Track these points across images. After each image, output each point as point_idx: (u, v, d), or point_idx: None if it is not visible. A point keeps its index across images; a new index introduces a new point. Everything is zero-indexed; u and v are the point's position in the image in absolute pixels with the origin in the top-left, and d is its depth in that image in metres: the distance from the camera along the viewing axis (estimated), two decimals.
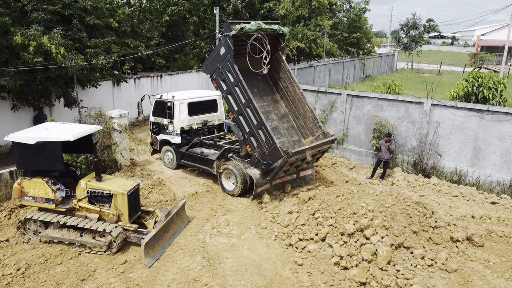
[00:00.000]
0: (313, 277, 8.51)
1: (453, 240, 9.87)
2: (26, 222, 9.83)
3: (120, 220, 9.61)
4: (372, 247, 8.77)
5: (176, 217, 10.29)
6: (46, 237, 9.61)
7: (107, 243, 9.23)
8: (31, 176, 9.67)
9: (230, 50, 11.69)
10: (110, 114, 14.09)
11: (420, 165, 14.96)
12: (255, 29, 12.00)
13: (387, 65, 51.10)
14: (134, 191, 9.79)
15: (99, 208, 9.64)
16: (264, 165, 11.63)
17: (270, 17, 28.89)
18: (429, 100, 14.86)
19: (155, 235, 9.15)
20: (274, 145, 11.21)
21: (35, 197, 9.69)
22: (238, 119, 12.03)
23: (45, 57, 13.46)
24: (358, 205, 9.81)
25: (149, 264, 8.80)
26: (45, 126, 10.25)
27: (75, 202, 9.70)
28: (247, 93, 11.66)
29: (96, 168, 9.78)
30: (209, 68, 12.56)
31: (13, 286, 8.13)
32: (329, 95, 17.29)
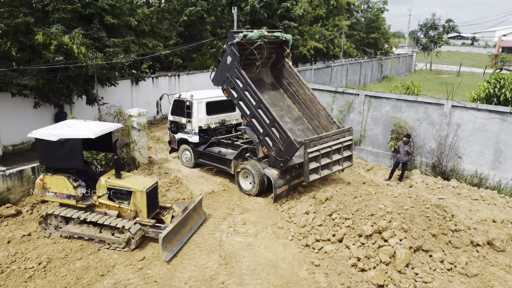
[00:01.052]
0: (330, 278, 8.47)
1: (473, 244, 9.70)
2: (47, 217, 10.03)
3: (138, 217, 9.74)
4: (390, 249, 8.68)
5: (193, 213, 10.39)
6: (66, 232, 9.78)
7: (125, 239, 9.37)
8: (53, 172, 9.85)
9: (236, 57, 11.97)
10: (129, 113, 14.27)
11: (439, 167, 14.72)
12: (257, 36, 12.39)
13: (405, 65, 50.39)
14: (152, 189, 9.87)
15: (119, 205, 9.77)
16: (282, 162, 11.55)
17: (287, 17, 28.90)
18: (449, 101, 14.62)
19: (173, 230, 9.26)
20: (288, 139, 11.18)
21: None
22: (252, 122, 12.12)
23: (65, 56, 13.72)
24: (376, 206, 9.72)
25: (166, 258, 8.87)
26: (66, 124, 10.44)
27: (95, 198, 9.84)
28: (257, 94, 11.79)
29: (115, 165, 9.91)
30: (219, 79, 12.81)
31: (35, 279, 8.31)
32: (346, 96, 17.17)
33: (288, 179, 12.13)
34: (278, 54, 13.75)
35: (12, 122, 16.05)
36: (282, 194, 12.06)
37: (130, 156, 14.06)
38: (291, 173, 12.21)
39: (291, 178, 12.22)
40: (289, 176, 12.12)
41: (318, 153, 11.44)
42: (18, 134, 16.42)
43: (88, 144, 10.25)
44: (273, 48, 13.45)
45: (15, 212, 10.89)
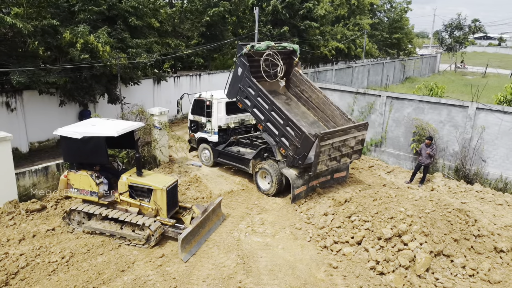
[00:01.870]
0: (347, 280, 8.41)
1: (497, 250, 9.44)
2: (71, 213, 10.30)
3: (158, 215, 9.87)
4: (410, 253, 8.56)
5: (212, 214, 10.44)
6: (89, 228, 10.00)
7: (145, 236, 9.51)
8: (76, 169, 10.10)
9: (246, 67, 12.34)
10: (151, 112, 14.50)
11: (463, 170, 14.40)
12: (265, 47, 13.00)
13: (429, 66, 49.45)
14: (172, 187, 10.01)
15: (139, 202, 9.93)
16: (300, 159, 11.51)
17: (309, 17, 28.77)
18: (473, 103, 14.29)
19: (192, 231, 9.34)
20: (303, 134, 11.25)
21: (79, 190, 10.11)
22: (267, 127, 12.28)
23: (90, 55, 14.05)
24: (397, 209, 9.60)
25: (185, 259, 8.98)
26: (90, 122, 10.66)
27: (116, 195, 10.02)
28: (268, 98, 12.03)
29: (137, 163, 10.09)
30: (232, 92, 13.14)
31: (58, 273, 8.54)
32: (368, 97, 16.99)
33: (307, 180, 12.10)
34: (288, 65, 14.12)
35: (38, 120, 16.54)
36: (301, 195, 12.04)
37: (151, 155, 14.27)
38: (309, 173, 12.16)
39: (309, 179, 12.18)
40: (307, 176, 12.08)
41: (330, 146, 11.46)
42: (44, 131, 16.92)
43: (111, 142, 10.45)
44: (282, 59, 13.75)
45: (40, 207, 11.20)
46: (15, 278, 8.31)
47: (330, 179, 12.97)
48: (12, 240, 9.65)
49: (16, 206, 11.09)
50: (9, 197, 11.15)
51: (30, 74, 13.40)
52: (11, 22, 11.82)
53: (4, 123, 15.25)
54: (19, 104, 15.88)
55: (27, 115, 16.23)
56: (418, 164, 14.08)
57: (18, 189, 11.54)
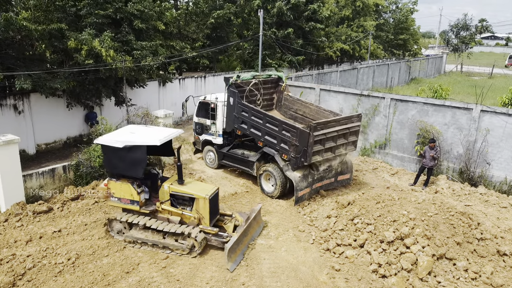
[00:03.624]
0: (350, 283, 8.47)
1: (500, 254, 9.46)
2: (111, 222, 10.10)
3: (200, 223, 9.66)
4: (412, 256, 8.60)
5: (253, 222, 10.24)
6: (130, 237, 9.75)
7: (189, 246, 9.30)
8: (117, 178, 9.86)
9: (235, 94, 13.13)
10: (156, 114, 14.63)
11: (467, 173, 14.39)
12: (251, 76, 14.10)
13: (435, 67, 49.27)
14: (214, 196, 9.78)
15: (181, 211, 9.75)
16: (302, 157, 11.62)
17: (313, 18, 28.80)
18: (478, 106, 14.27)
19: (237, 240, 9.13)
20: (298, 130, 11.53)
21: (120, 198, 9.90)
22: (266, 140, 12.62)
23: (95, 59, 14.21)
24: (399, 212, 9.63)
25: (231, 269, 8.76)
26: (129, 129, 10.40)
27: (158, 204, 9.84)
28: (260, 112, 12.67)
29: (178, 172, 9.80)
30: (229, 123, 13.72)
31: (64, 274, 8.68)
32: (372, 99, 17.01)
33: (310, 182, 12.17)
34: (278, 93, 15.07)
35: (46, 122, 16.75)
36: (304, 197, 12.11)
37: (156, 157, 14.39)
38: (313, 176, 12.24)
39: (313, 181, 12.25)
40: (311, 179, 12.15)
41: (324, 136, 11.63)
42: (51, 133, 17.16)
43: (150, 150, 10.11)
44: (271, 88, 14.82)
45: (47, 208, 11.36)
46: (22, 279, 8.46)
47: (334, 182, 13.03)
48: (19, 242, 9.82)
49: (23, 207, 11.26)
50: (16, 199, 11.33)
51: (36, 79, 13.57)
52: (23, 24, 11.97)
53: (11, 125, 15.49)
54: (26, 106, 16.09)
55: (35, 117, 16.44)
56: (422, 166, 14.08)
57: (25, 191, 11.73)
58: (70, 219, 11.08)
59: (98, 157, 12.70)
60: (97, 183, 12.77)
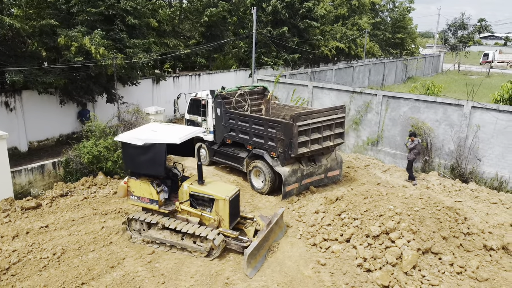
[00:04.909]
0: (335, 277, 8.46)
1: (487, 248, 9.45)
2: (130, 221, 9.93)
3: (220, 226, 9.36)
4: (397, 251, 8.59)
5: (275, 226, 9.85)
6: (149, 237, 9.61)
7: (207, 248, 9.06)
8: (137, 176, 9.72)
9: (221, 104, 13.44)
10: (147, 111, 14.63)
11: (458, 169, 14.38)
12: (236, 88, 14.74)
13: (432, 66, 49.22)
14: (235, 197, 9.47)
15: (201, 212, 9.51)
16: (289, 150, 11.72)
17: (309, 16, 28.80)
18: (469, 102, 14.27)
19: (258, 245, 8.78)
20: (282, 123, 11.77)
21: (140, 197, 9.74)
22: (254, 141, 12.73)
23: (86, 57, 14.21)
24: (385, 207, 9.62)
25: (251, 275, 8.45)
26: (150, 128, 10.25)
27: (177, 204, 9.65)
28: (245, 115, 13.01)
29: (198, 171, 9.57)
30: (219, 135, 13.90)
31: (49, 269, 8.67)
32: (364, 96, 17.00)
33: (299, 177, 12.18)
34: (265, 102, 15.42)
35: (38, 119, 16.75)
36: (292, 192, 12.13)
37: None
38: (302, 171, 12.25)
39: (302, 177, 12.27)
40: (300, 174, 12.17)
41: (308, 127, 11.72)
42: (43, 131, 17.17)
43: (170, 149, 9.89)
44: (258, 99, 15.24)
45: (35, 204, 11.36)
46: (7, 273, 8.45)
47: (324, 178, 13.04)
48: (5, 237, 9.81)
49: (11, 203, 11.27)
50: (4, 195, 11.33)
51: (27, 74, 13.57)
52: (9, 22, 11.97)
53: (3, 123, 15.48)
54: (18, 103, 16.09)
55: (26, 115, 16.44)
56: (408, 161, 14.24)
57: (14, 187, 11.73)
58: (58, 215, 11.08)
59: (88, 154, 12.69)
60: (87, 180, 12.79)
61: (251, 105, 14.66)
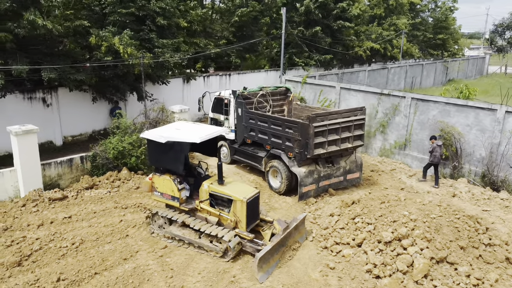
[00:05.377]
0: (342, 282, 8.33)
1: (510, 261, 8.96)
2: (154, 216, 10.20)
3: (237, 227, 9.37)
4: (408, 258, 8.33)
5: (294, 231, 9.64)
6: (169, 233, 9.79)
7: (223, 249, 9.05)
8: (161, 173, 9.96)
9: (242, 104, 13.53)
10: (172, 109, 14.97)
11: (489, 177, 13.69)
12: (258, 88, 14.75)
13: (476, 68, 47.03)
14: (254, 199, 9.40)
15: (219, 212, 9.52)
16: (306, 151, 11.69)
17: (342, 17, 28.37)
18: (503, 106, 13.56)
19: (271, 250, 8.65)
20: (299, 124, 11.75)
21: (163, 193, 9.99)
22: (273, 142, 12.76)
23: (115, 56, 14.75)
24: (400, 213, 9.34)
25: (261, 280, 8.30)
26: (175, 126, 10.50)
27: (197, 203, 9.75)
28: (264, 115, 13.04)
29: (218, 171, 9.61)
30: (240, 134, 14.02)
31: (67, 257, 9.09)
32: (392, 98, 16.55)
33: (316, 179, 12.07)
34: (288, 103, 15.36)
35: (72, 115, 17.56)
36: (309, 194, 12.03)
37: None
38: (319, 172, 12.13)
39: (319, 178, 12.14)
40: (317, 175, 12.06)
41: (325, 128, 11.63)
42: (77, 126, 17.98)
43: (195, 147, 10.10)
44: (280, 100, 15.21)
45: (61, 196, 11.94)
46: (28, 259, 8.94)
47: (343, 181, 12.84)
48: (31, 225, 10.37)
49: (40, 194, 11.89)
50: (34, 185, 11.98)
51: (61, 72, 14.26)
52: (42, 23, 12.63)
53: (40, 117, 16.39)
54: (54, 100, 16.95)
55: (62, 111, 17.28)
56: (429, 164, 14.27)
57: (44, 179, 12.38)
58: (82, 206, 11.58)
59: (113, 149, 13.18)
60: (111, 174, 13.28)
61: (273, 106, 14.65)
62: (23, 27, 12.88)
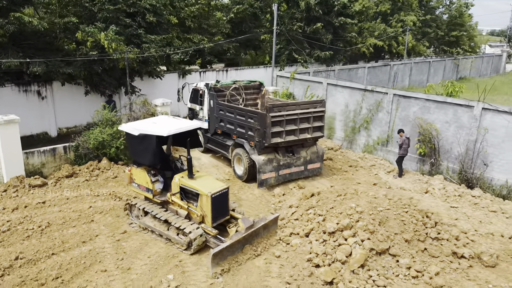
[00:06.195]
0: (282, 269, 8.59)
1: (458, 256, 9.03)
2: (132, 207, 10.61)
3: (204, 222, 9.47)
4: (348, 248, 8.51)
5: (262, 231, 9.57)
6: (143, 224, 10.13)
7: (187, 242, 9.19)
8: (138, 165, 10.30)
9: (214, 96, 14.23)
10: (155, 102, 15.46)
11: (463, 174, 13.59)
12: (231, 82, 15.35)
13: (492, 66, 45.77)
14: (220, 194, 9.39)
15: (187, 206, 9.67)
16: (264, 139, 12.17)
17: (344, 13, 28.25)
18: (479, 103, 13.42)
19: (229, 247, 8.69)
20: (258, 114, 12.30)
21: (139, 185, 10.33)
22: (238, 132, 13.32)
23: (101, 51, 15.33)
24: (348, 205, 9.50)
25: (213, 274, 8.36)
26: (154, 120, 10.81)
27: (168, 195, 9.92)
28: (232, 106, 13.66)
29: (188, 165, 9.75)
30: (212, 124, 14.68)
31: (31, 239, 9.67)
32: (376, 94, 16.56)
33: (276, 167, 12.61)
34: (261, 97, 15.86)
35: (67, 108, 18.26)
36: (269, 181, 12.60)
37: None
38: (279, 161, 12.64)
39: (279, 166, 12.66)
40: (276, 163, 12.60)
41: (282, 118, 12.09)
42: (71, 118, 18.67)
43: (177, 141, 10.34)
44: (254, 93, 15.76)
45: (41, 183, 12.59)
46: None
47: (304, 170, 13.31)
48: (7, 209, 11.04)
49: (22, 181, 12.58)
50: (16, 173, 12.65)
51: (51, 65, 14.95)
52: (28, 20, 13.30)
53: (35, 110, 17.18)
54: (49, 93, 17.68)
55: (57, 103, 18.01)
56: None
57: (27, 167, 13.05)
58: (58, 193, 12.18)
59: (94, 140, 13.76)
60: (92, 164, 13.87)
61: (246, 99, 15.02)
62: (12, 23, 13.58)
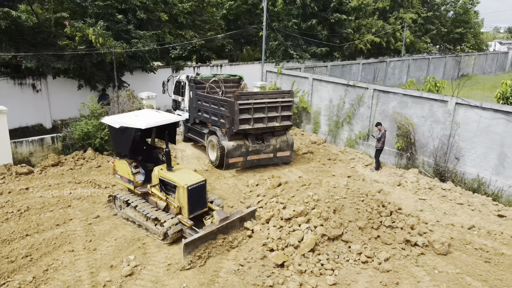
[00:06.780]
0: (239, 253, 9.02)
1: (411, 244, 9.37)
2: (115, 198, 10.89)
3: (180, 213, 9.68)
4: (300, 234, 8.91)
5: (238, 224, 9.73)
6: (124, 214, 10.47)
7: (163, 232, 9.40)
8: (120, 157, 10.62)
9: (193, 87, 15.01)
10: (141, 96, 16.03)
11: (437, 168, 13.84)
12: (211, 75, 16.12)
13: (497, 64, 45.32)
14: (197, 186, 9.56)
15: (166, 197, 9.87)
16: (233, 125, 12.86)
17: (340, 10, 28.46)
18: (453, 98, 13.64)
19: (201, 238, 8.85)
20: (228, 102, 13.05)
21: (121, 176, 10.60)
22: (213, 120, 14.03)
23: (90, 46, 15.94)
24: (307, 193, 9.90)
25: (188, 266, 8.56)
26: (136, 113, 11.02)
27: (148, 187, 10.13)
28: (206, 96, 14.45)
29: (167, 158, 9.90)
30: (191, 115, 15.42)
31: (9, 221, 10.28)
32: (357, 89, 16.85)
33: (244, 153, 13.33)
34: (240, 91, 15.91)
35: (61, 100, 18.96)
36: (236, 165, 13.40)
37: None
38: (247, 147, 13.33)
39: (247, 152, 13.37)
40: (245, 149, 13.31)
41: (250, 106, 12.76)
42: (66, 111, 19.31)
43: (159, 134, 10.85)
44: (233, 87, 16.27)
45: (27, 171, 13.23)
46: None
47: (273, 157, 13.97)
48: None
49: (9, 169, 13.25)
50: (4, 161, 13.33)
51: (42, 60, 15.61)
52: (17, 15, 13.94)
53: (30, 102, 17.93)
54: (43, 86, 18.44)
55: (51, 96, 18.75)
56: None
57: (16, 156, 13.73)
58: (43, 180, 12.83)
59: (80, 130, 14.39)
60: (77, 153, 14.49)
61: (225, 92, 15.53)
62: (2, 18, 14.26)
